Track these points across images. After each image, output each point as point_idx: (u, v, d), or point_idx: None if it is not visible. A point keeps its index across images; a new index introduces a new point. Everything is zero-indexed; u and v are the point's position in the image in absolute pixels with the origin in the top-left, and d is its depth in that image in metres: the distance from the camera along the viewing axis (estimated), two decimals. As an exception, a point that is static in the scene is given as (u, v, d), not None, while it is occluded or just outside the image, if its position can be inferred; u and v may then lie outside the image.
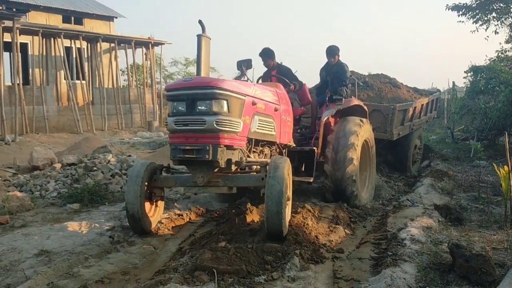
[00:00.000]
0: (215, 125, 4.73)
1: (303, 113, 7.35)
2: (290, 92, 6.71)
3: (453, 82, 21.03)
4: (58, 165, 8.85)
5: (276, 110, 5.84)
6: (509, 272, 3.94)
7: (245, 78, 6.66)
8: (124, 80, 24.99)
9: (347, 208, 6.41)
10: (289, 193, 5.04)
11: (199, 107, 4.81)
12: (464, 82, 20.12)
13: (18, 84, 16.05)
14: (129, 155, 10.24)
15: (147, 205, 5.44)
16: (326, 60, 7.66)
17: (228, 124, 4.82)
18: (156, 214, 5.69)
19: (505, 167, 5.76)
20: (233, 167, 5.07)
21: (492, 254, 4.46)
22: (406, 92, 10.91)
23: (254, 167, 5.37)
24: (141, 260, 4.63)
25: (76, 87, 19.11)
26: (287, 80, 6.76)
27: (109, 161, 8.79)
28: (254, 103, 5.27)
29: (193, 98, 4.81)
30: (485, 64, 18.16)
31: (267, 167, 4.81)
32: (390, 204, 7.15)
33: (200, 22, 5.26)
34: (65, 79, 18.60)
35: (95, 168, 8.41)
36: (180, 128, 4.89)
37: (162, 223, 5.66)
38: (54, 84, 18.83)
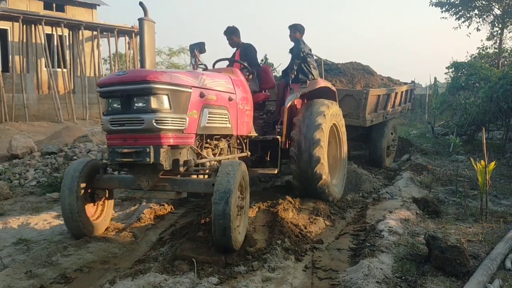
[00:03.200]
0: (154, 124, 4.15)
1: (266, 98, 6.95)
2: (248, 79, 6.16)
3: (435, 78, 21.41)
4: (37, 154, 8.75)
5: (230, 99, 5.32)
6: (483, 264, 4.05)
7: (199, 63, 6.08)
8: (107, 69, 24.67)
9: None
10: (245, 201, 4.57)
11: (136, 104, 4.24)
12: (446, 78, 20.47)
13: (-3, 71, 15.73)
14: (111, 145, 10.14)
15: (89, 207, 4.94)
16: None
17: (170, 122, 4.26)
18: (103, 216, 5.13)
19: (482, 161, 5.89)
20: (181, 169, 4.53)
21: (467, 246, 4.59)
22: (380, 80, 10.78)
23: (208, 166, 4.88)
24: (121, 249, 4.62)
25: (57, 75, 18.77)
26: (245, 64, 6.23)
27: (89, 150, 8.71)
28: (202, 95, 4.71)
29: (128, 94, 4.23)
30: (466, 61, 18.46)
31: (216, 178, 4.21)
32: (370, 196, 7.24)
33: (141, 4, 4.59)
34: (46, 67, 18.24)
35: (75, 158, 8.34)
36: (116, 128, 4.31)
37: (144, 213, 5.64)
38: (35, 72, 18.47)
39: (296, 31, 6.98)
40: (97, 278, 3.90)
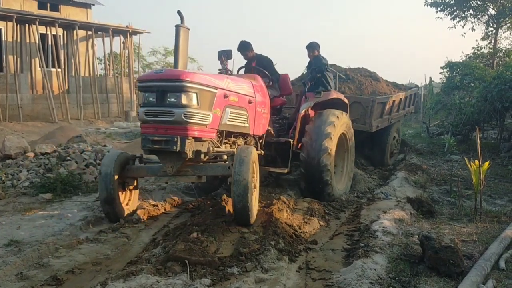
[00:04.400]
0: (183, 117, 4.77)
1: (283, 103, 7.38)
2: (268, 86, 6.73)
3: (430, 78, 21.41)
4: (31, 154, 8.66)
5: (250, 102, 5.88)
6: (477, 264, 4.04)
7: (225, 69, 6.67)
8: (102, 69, 24.59)
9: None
10: (256, 182, 5.21)
11: (169, 99, 4.84)
12: (440, 78, 20.51)
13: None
14: (105, 145, 10.10)
15: (120, 194, 5.56)
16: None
17: (196, 116, 4.87)
18: (131, 203, 5.78)
19: (476, 161, 5.88)
20: (203, 157, 5.18)
21: (461, 246, 4.58)
22: (385, 86, 11.07)
23: (225, 156, 5.43)
24: (114, 250, 4.58)
25: (52, 75, 18.71)
26: (266, 73, 6.78)
27: (83, 150, 8.65)
28: (226, 96, 5.32)
29: (163, 90, 4.85)
30: (461, 61, 18.50)
31: (234, 157, 4.95)
32: (364, 196, 7.23)
33: (179, 12, 5.21)
34: (40, 66, 18.17)
35: (68, 158, 8.27)
36: (150, 118, 4.93)
37: (137, 214, 5.60)
38: (29, 72, 18.39)
39: (314, 49, 7.57)
40: (89, 280, 3.86)
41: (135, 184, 5.78)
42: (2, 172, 7.78)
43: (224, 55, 6.64)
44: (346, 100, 7.71)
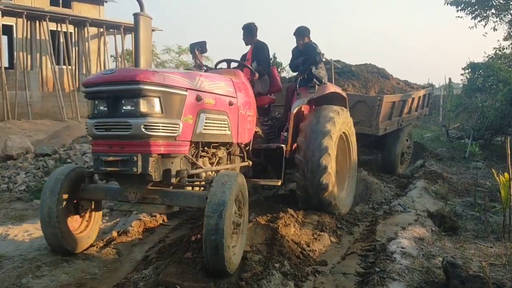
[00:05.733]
0: (143, 129, 3.73)
1: (271, 102, 6.50)
2: (254, 80, 5.88)
3: (450, 79, 20.74)
4: (30, 156, 8.35)
5: (231, 104, 4.88)
6: (510, 297, 3.53)
7: (199, 63, 5.69)
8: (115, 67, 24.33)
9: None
10: (244, 217, 4.12)
11: (124, 107, 3.82)
12: (461, 79, 19.83)
13: (0, 68, 15.43)
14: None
15: (73, 220, 4.44)
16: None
17: (161, 128, 3.83)
18: (88, 231, 4.59)
19: (506, 174, 5.34)
20: (174, 180, 4.08)
21: (489, 270, 4.05)
22: (395, 84, 10.21)
23: (203, 176, 4.44)
24: (101, 269, 4.15)
25: (62, 72, 18.50)
26: (250, 68, 5.93)
27: (85, 152, 8.29)
28: (199, 98, 4.27)
29: (116, 95, 3.82)
30: (483, 61, 17.80)
31: (210, 189, 3.77)
32: (380, 208, 6.69)
33: None
34: (50, 64, 17.95)
35: (69, 160, 7.94)
36: (102, 133, 3.91)
37: (132, 226, 5.17)
38: (39, 69, 18.20)
39: (304, 36, 6.54)
40: (68, 306, 3.45)
41: (93, 206, 4.58)
42: (-2, 174, 7.46)
43: (198, 48, 5.57)
44: (344, 94, 6.79)
